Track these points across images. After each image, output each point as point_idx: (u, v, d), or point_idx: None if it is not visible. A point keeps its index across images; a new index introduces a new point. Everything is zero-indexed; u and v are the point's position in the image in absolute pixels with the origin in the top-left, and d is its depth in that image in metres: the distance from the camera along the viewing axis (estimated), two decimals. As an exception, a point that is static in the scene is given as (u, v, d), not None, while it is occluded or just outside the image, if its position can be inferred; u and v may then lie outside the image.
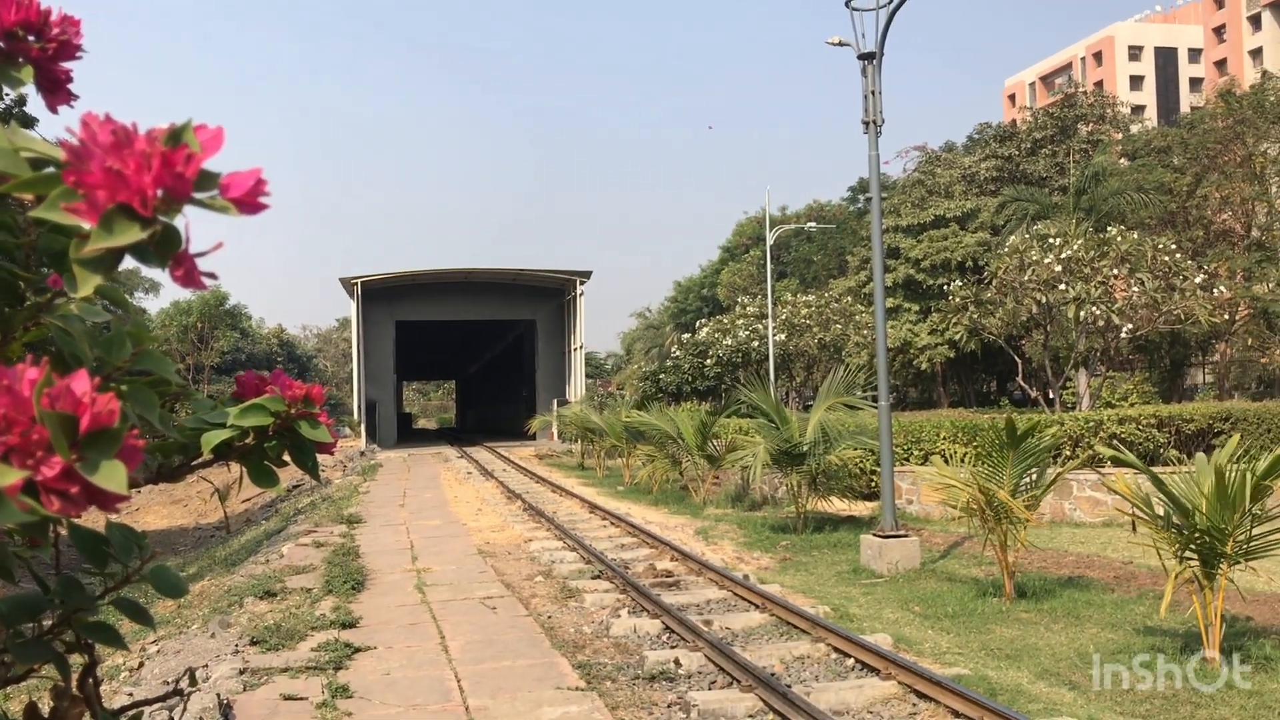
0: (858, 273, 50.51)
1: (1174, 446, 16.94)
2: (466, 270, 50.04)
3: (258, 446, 1.19)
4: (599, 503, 20.90)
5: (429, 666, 8.48)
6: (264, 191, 0.85)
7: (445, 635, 9.58)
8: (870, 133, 14.15)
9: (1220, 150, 42.61)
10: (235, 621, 10.29)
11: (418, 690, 7.77)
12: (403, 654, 8.90)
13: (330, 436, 1.21)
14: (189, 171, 0.81)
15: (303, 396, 1.19)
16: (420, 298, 51.06)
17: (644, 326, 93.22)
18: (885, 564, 12.91)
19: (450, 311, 52.59)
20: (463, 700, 7.49)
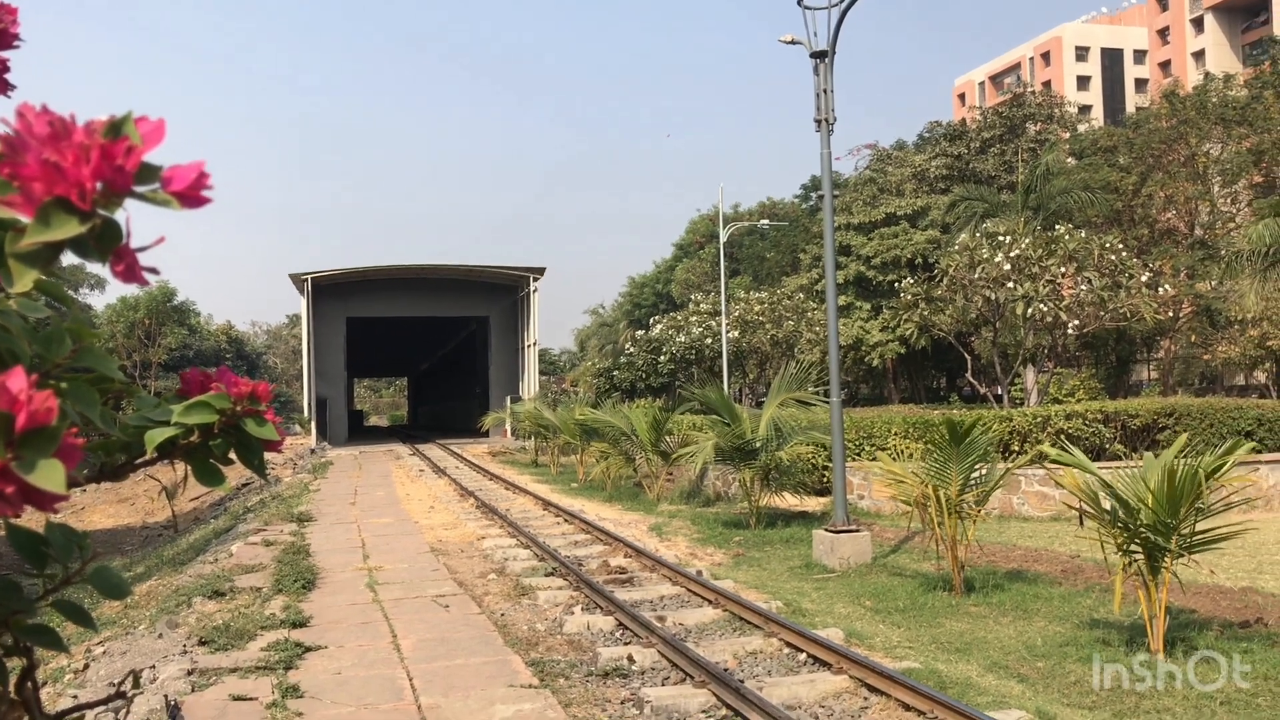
0: (810, 270, 50.81)
1: (1120, 441, 17.21)
2: (419, 267, 49.71)
3: (203, 444, 1.17)
4: (553, 500, 20.86)
5: (381, 665, 8.42)
6: (207, 185, 0.84)
7: (397, 634, 9.51)
8: (822, 131, 14.23)
9: (1164, 150, 43.36)
10: (183, 622, 10.15)
11: (369, 689, 7.71)
12: (354, 653, 8.83)
13: (277, 434, 1.19)
14: (129, 164, 0.79)
15: (248, 393, 1.18)
16: (372, 294, 50.67)
17: (598, 323, 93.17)
18: (837, 559, 13.01)
19: (402, 308, 52.25)
20: (415, 699, 7.45)
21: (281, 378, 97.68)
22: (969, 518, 11.32)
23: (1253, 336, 38.03)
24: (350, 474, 30.22)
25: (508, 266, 49.59)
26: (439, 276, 51.03)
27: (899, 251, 47.06)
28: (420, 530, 17.08)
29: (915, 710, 6.89)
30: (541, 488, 24.41)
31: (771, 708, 6.72)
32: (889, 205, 48.70)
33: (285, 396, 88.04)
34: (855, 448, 18.33)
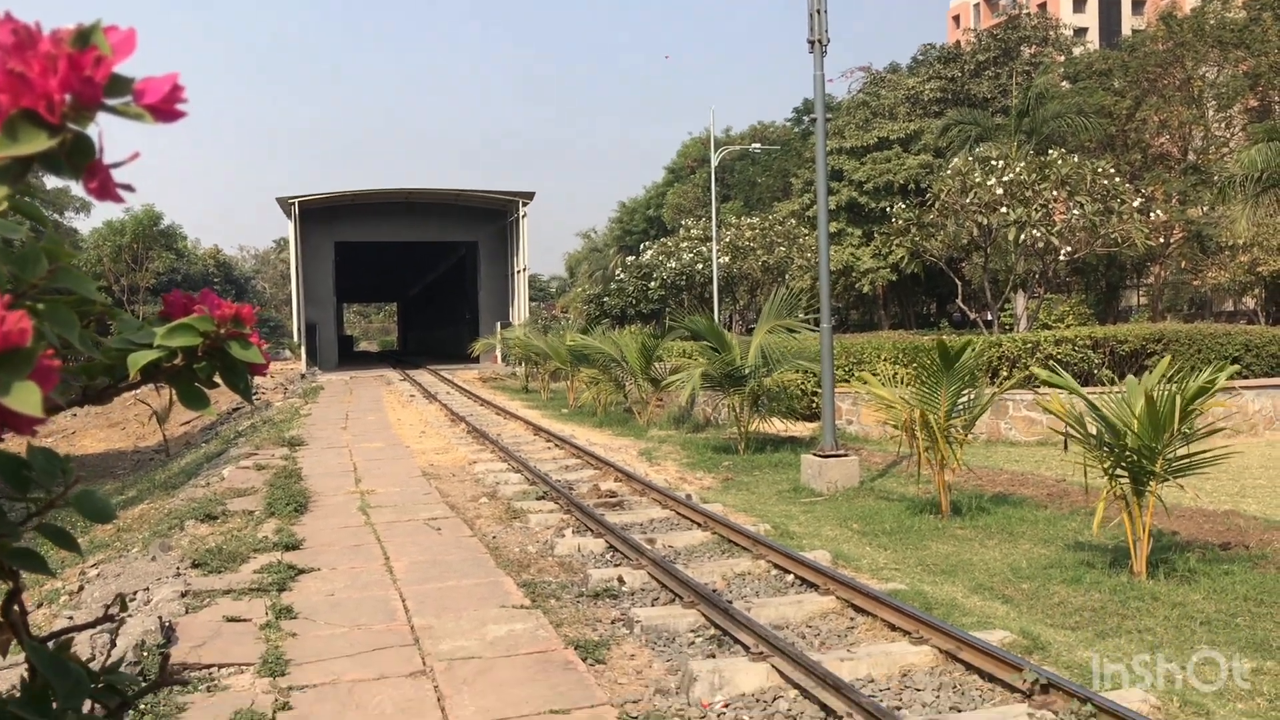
0: (802, 195, 50.47)
1: (1108, 367, 17.27)
2: (407, 190, 49.27)
3: (187, 368, 1.16)
4: (543, 425, 20.94)
5: (373, 587, 8.51)
6: (181, 98, 0.81)
7: (389, 556, 9.60)
8: (815, 52, 14.02)
9: (1160, 74, 42.91)
10: (176, 544, 10.22)
11: (362, 610, 7.79)
12: (347, 575, 8.91)
13: (262, 357, 1.17)
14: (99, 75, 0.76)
15: (232, 316, 1.16)
16: (360, 218, 50.27)
17: (588, 248, 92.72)
18: (825, 483, 13.11)
19: (391, 233, 51.89)
20: (408, 619, 7.54)
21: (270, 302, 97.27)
22: (956, 442, 11.39)
23: (1243, 262, 38.04)
24: (341, 399, 30.26)
25: (497, 191, 49.18)
26: (428, 201, 50.61)
27: (891, 176, 46.73)
28: (412, 454, 17.15)
29: (901, 630, 7.00)
30: (532, 413, 24.48)
31: (759, 627, 6.81)
32: (882, 129, 48.24)
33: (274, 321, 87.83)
34: (844, 374, 18.37)
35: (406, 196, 49.68)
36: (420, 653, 6.81)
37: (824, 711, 5.76)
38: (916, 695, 6.10)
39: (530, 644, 6.93)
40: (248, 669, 6.53)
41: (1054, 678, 5.72)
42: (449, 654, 6.75)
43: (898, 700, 6.02)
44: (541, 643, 6.95)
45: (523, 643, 6.95)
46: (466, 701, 5.92)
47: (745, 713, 5.91)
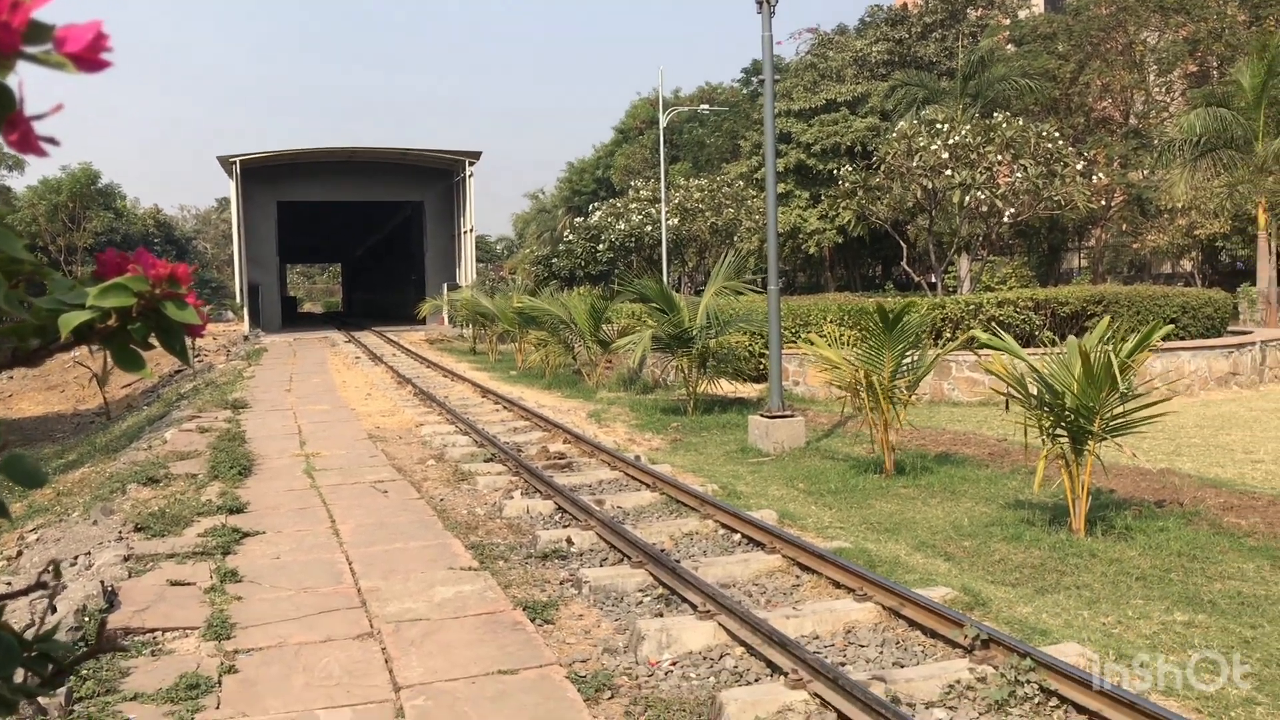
0: (750, 157, 50.44)
1: (1049, 328, 17.53)
2: (351, 149, 48.55)
3: (121, 329, 1.13)
4: (491, 387, 20.87)
5: (320, 550, 8.46)
6: (106, 46, 0.78)
7: (336, 519, 9.54)
8: (764, 12, 13.96)
9: (1102, 38, 43.29)
10: (118, 508, 10.08)
11: (309, 573, 7.75)
12: (292, 538, 8.85)
13: (199, 318, 1.15)
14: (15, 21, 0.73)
15: (168, 276, 1.13)
16: (303, 178, 49.52)
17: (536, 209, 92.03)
18: (772, 443, 13.22)
19: (335, 192, 51.19)
20: (354, 582, 7.51)
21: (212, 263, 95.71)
22: (900, 402, 11.53)
23: (1181, 225, 38.67)
24: (285, 361, 29.92)
25: (443, 150, 48.63)
26: (372, 160, 49.93)
27: (839, 139, 46.83)
28: (358, 417, 17.03)
29: (845, 588, 7.10)
30: (480, 375, 24.38)
31: (706, 586, 6.87)
32: (829, 91, 48.27)
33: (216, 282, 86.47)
34: (791, 335, 18.48)
35: (351, 155, 48.97)
36: (367, 615, 6.79)
37: (770, 668, 5.84)
38: (860, 651, 6.20)
39: (478, 605, 6.94)
40: (192, 633, 6.48)
41: (994, 633, 5.84)
42: (396, 616, 6.74)
43: (842, 657, 6.11)
44: (490, 604, 6.96)
45: (471, 604, 6.96)
46: (414, 663, 5.92)
47: (692, 670, 5.97)
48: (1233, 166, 31.58)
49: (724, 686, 5.68)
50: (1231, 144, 31.38)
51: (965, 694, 5.41)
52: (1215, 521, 8.63)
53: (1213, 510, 8.93)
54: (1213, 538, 8.21)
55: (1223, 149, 31.49)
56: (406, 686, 5.58)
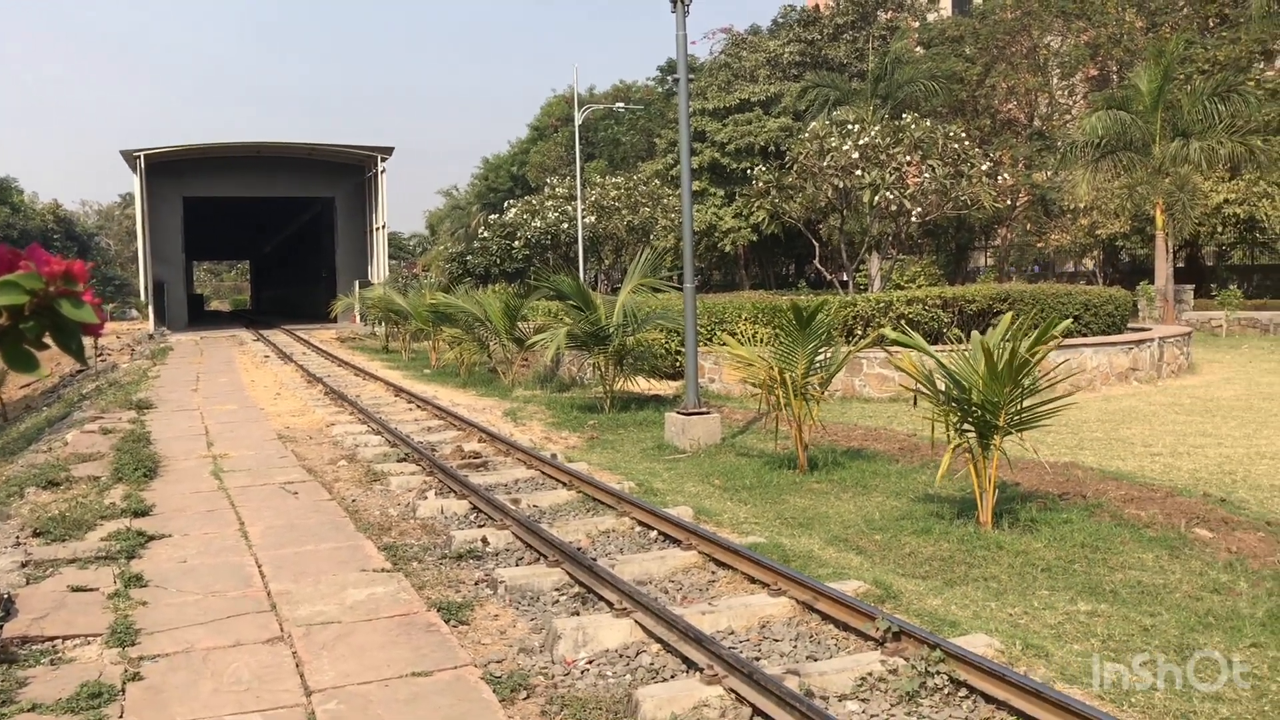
0: (665, 155, 50.61)
1: (957, 326, 17.88)
2: (259, 144, 47.61)
3: (12, 328, 1.09)
4: (405, 386, 20.64)
5: (228, 553, 8.28)
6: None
7: (245, 521, 9.35)
8: (678, 11, 14.02)
9: (1008, 41, 44.32)
10: (16, 513, 9.75)
11: (217, 577, 7.58)
12: (200, 541, 8.65)
13: (96, 316, 1.11)
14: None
15: (62, 273, 1.10)
16: (210, 173, 48.41)
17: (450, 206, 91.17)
18: (688, 440, 13.29)
19: (242, 188, 50.12)
20: (264, 585, 7.37)
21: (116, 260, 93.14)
22: (813, 399, 11.67)
23: (1083, 225, 39.82)
24: (191, 360, 29.23)
25: (354, 145, 47.92)
26: (281, 155, 49.02)
27: (752, 138, 47.22)
28: (267, 417, 16.70)
29: (760, 583, 7.17)
30: (393, 374, 24.10)
31: (623, 584, 6.88)
32: (743, 91, 48.64)
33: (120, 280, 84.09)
34: (707, 333, 18.59)
35: (258, 150, 48.02)
36: (278, 618, 6.67)
37: (686, 664, 5.87)
38: (775, 646, 6.26)
39: (392, 607, 6.85)
40: (95, 640, 6.29)
41: (905, 625, 5.94)
42: (308, 619, 6.63)
43: (757, 651, 6.17)
44: (403, 605, 6.89)
45: (384, 606, 6.88)
46: (326, 666, 5.83)
47: (609, 668, 5.98)
48: (1132, 168, 32.56)
49: (640, 684, 5.69)
50: (1131, 146, 32.35)
51: (877, 686, 5.50)
52: (1116, 513, 8.89)
53: (1114, 502, 9.20)
54: (1114, 529, 8.46)
55: (1122, 151, 32.45)
56: (318, 690, 5.50)
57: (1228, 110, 32.12)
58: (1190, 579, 7.21)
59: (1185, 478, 10.52)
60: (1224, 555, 7.66)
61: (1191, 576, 7.26)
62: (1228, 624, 6.30)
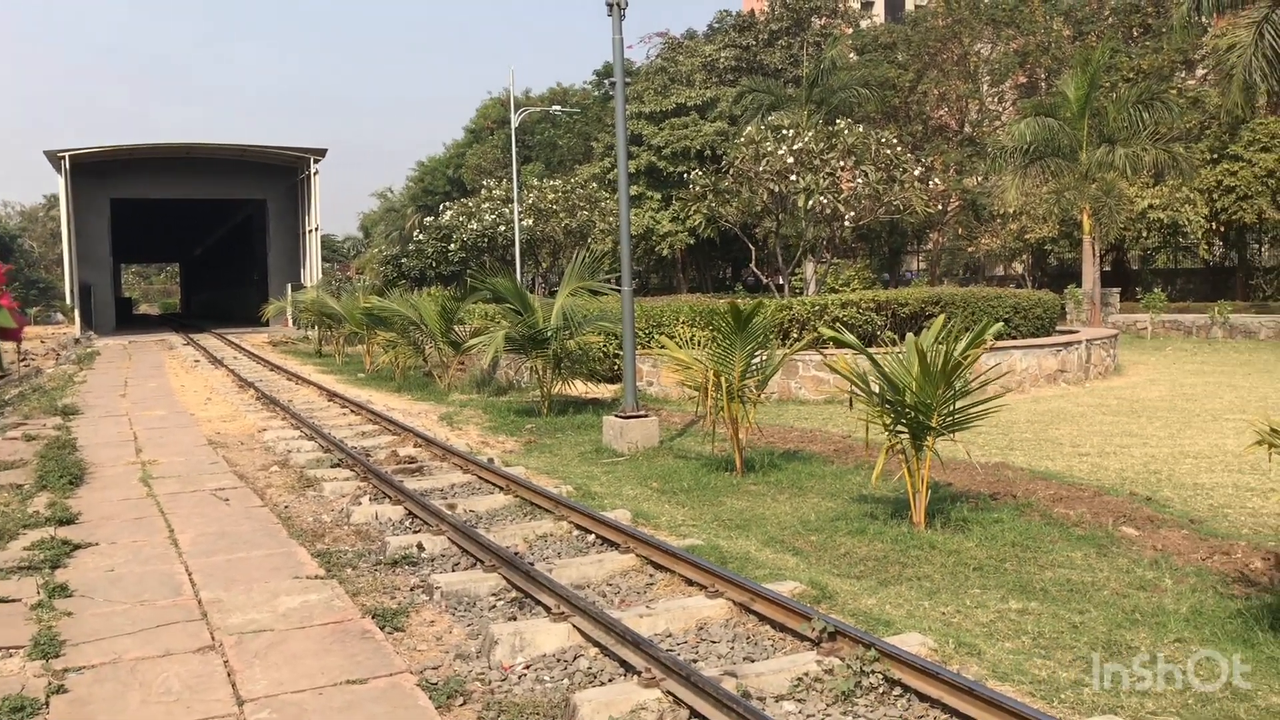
0: (603, 158, 50.65)
1: (890, 328, 18.11)
2: (189, 145, 46.82)
3: (-74, 331, 1.06)
4: (338, 390, 20.40)
5: (157, 561, 8.11)
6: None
7: (174, 529, 9.17)
8: (614, 15, 14.03)
9: (939, 49, 45.02)
10: (-68, 524, 9.46)
11: (145, 586, 7.43)
12: (128, 549, 8.46)
13: (13, 321, 1.09)
14: None
15: (-21, 274, 1.06)
16: (138, 174, 47.50)
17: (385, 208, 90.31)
18: (626, 443, 13.29)
19: (172, 189, 49.27)
20: (195, 594, 7.23)
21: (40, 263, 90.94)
22: (750, 401, 11.73)
23: (1012, 230, 40.55)
24: (119, 364, 28.62)
25: (286, 147, 47.32)
26: (211, 156, 48.25)
27: (689, 142, 47.42)
28: (197, 423, 16.41)
29: (698, 585, 7.19)
30: (326, 378, 23.81)
31: (560, 588, 6.86)
32: (679, 95, 48.83)
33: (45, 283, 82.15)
34: (645, 336, 18.62)
35: (188, 151, 47.22)
36: (209, 627, 6.55)
37: (623, 668, 5.87)
38: (713, 647, 6.28)
39: (326, 614, 6.77)
40: (17, 652, 6.13)
41: (840, 625, 5.99)
42: (239, 628, 6.52)
43: (694, 653, 6.18)
44: (337, 613, 6.80)
45: (318, 613, 6.78)
46: (258, 675, 5.73)
47: (546, 673, 5.95)
48: (1060, 174, 33.24)
49: (578, 688, 5.68)
50: (1058, 152, 33.01)
51: (813, 686, 5.54)
52: (1046, 512, 9.05)
53: (1043, 501, 9.37)
54: (1044, 528, 8.62)
55: (1050, 157, 33.11)
56: (250, 700, 5.41)
57: (1151, 118, 32.93)
58: (1117, 576, 7.36)
59: (1112, 477, 10.75)
60: (1150, 553, 7.84)
61: (1119, 574, 7.42)
62: (1153, 620, 6.44)
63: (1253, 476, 10.53)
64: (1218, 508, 9.33)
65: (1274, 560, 7.41)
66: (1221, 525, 8.66)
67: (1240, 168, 36.88)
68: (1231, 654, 5.77)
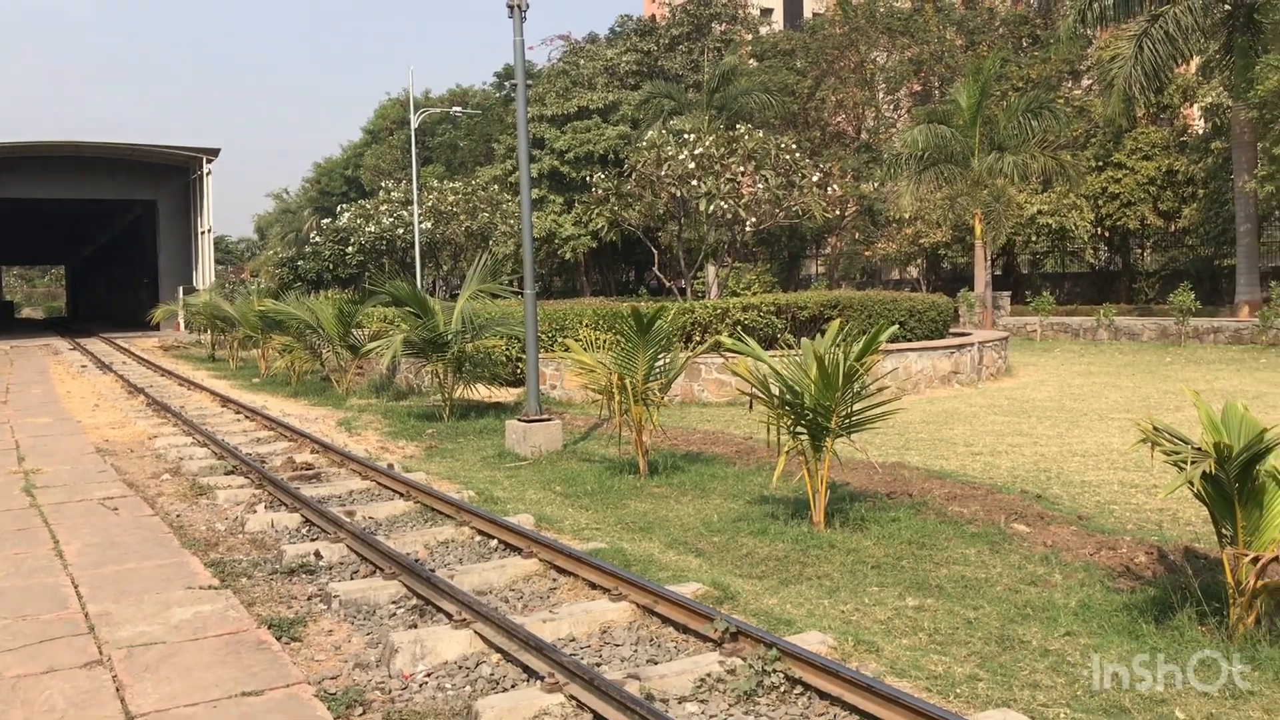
0: (504, 161, 50.37)
1: (790, 332, 18.36)
2: (76, 143, 45.26)
3: None
4: (233, 396, 19.92)
5: (41, 574, 7.81)
6: None
7: (59, 540, 8.84)
8: (515, 17, 13.97)
9: (837, 56, 45.80)
10: None
11: (28, 599, 7.14)
12: (9, 562, 8.13)
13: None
14: None
15: None
16: (20, 173, 45.72)
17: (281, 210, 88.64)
18: (529, 447, 13.23)
19: (58, 189, 47.54)
20: (81, 606, 6.98)
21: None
22: (654, 404, 11.78)
23: (908, 235, 41.44)
24: (0, 370, 27.51)
25: (177, 146, 46.07)
26: (99, 155, 46.71)
27: (592, 146, 47.43)
28: (84, 430, 15.85)
29: (601, 588, 7.18)
30: (220, 383, 23.23)
31: (462, 594, 6.79)
32: (581, 98, 48.82)
33: (-83, 286, 78.52)
34: (548, 339, 18.57)
35: (75, 150, 45.65)
36: (96, 641, 6.32)
37: (527, 673, 5.83)
38: (616, 651, 6.28)
39: (220, 625, 6.59)
40: (-113, 673, 5.84)
41: (742, 625, 6.04)
42: (129, 641, 6.31)
43: (598, 657, 6.17)
44: (232, 623, 6.63)
45: (211, 625, 6.60)
46: (149, 690, 5.56)
47: (448, 680, 5.88)
48: (953, 180, 34.07)
49: (480, 695, 5.62)
50: (951, 159, 33.84)
51: (716, 687, 5.58)
52: (941, 510, 9.26)
53: (938, 500, 9.59)
54: (939, 526, 8.81)
55: (944, 163, 33.92)
56: (140, 715, 5.23)
57: (1040, 126, 33.97)
58: (1010, 572, 7.57)
59: (1004, 475, 11.04)
60: (1040, 549, 8.07)
61: (1011, 570, 7.62)
62: (1044, 615, 6.63)
63: (1137, 473, 10.91)
64: (1104, 504, 9.65)
65: (1157, 554, 7.69)
66: (1108, 521, 8.96)
67: (1124, 175, 38.29)
68: (1118, 646, 5.97)
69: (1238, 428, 6.04)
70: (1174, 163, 37.91)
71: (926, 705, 4.84)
